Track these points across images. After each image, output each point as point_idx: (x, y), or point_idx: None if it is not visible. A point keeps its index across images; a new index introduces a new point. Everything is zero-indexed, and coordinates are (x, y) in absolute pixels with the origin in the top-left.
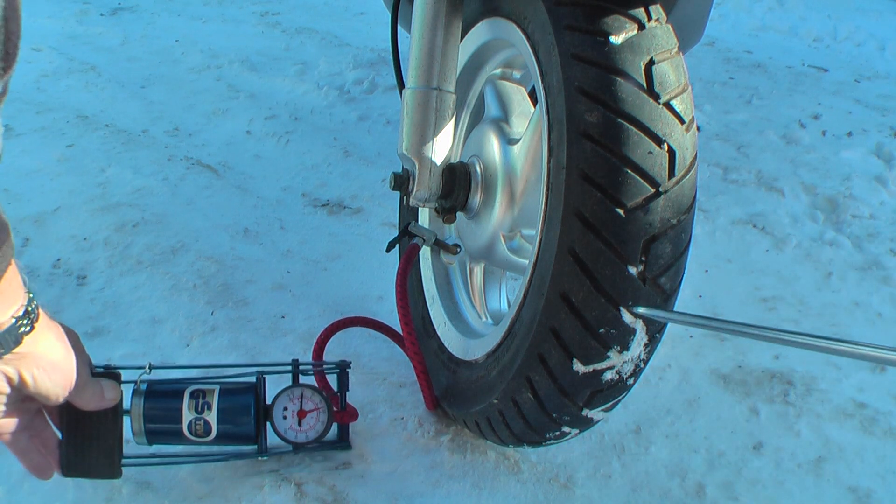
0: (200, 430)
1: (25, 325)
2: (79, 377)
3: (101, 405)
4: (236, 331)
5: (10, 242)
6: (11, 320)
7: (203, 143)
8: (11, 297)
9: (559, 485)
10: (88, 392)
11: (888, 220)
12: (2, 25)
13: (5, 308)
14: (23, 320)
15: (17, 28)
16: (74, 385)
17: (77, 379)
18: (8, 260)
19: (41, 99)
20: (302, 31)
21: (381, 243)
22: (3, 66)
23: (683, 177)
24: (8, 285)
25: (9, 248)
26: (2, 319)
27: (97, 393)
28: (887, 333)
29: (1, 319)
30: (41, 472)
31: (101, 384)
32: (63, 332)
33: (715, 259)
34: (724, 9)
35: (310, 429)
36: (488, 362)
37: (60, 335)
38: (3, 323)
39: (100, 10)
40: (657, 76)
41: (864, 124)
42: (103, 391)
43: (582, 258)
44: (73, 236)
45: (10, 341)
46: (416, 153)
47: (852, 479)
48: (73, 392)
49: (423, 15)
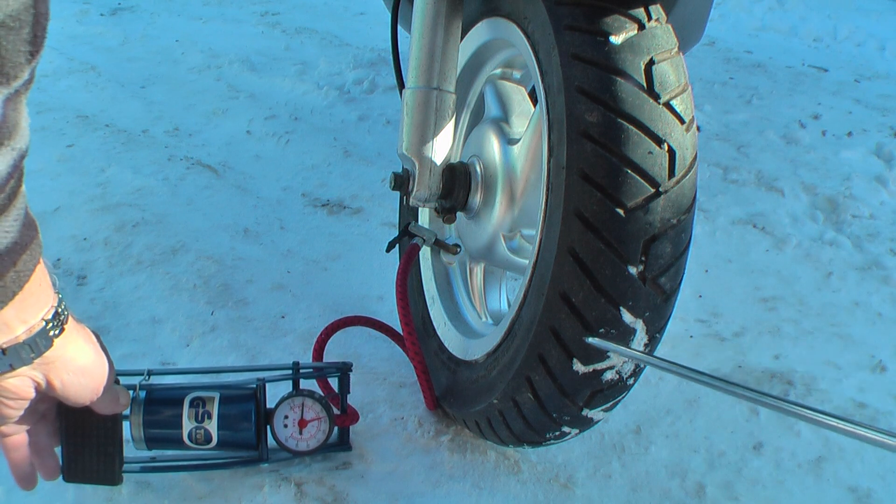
0: (201, 438)
1: (55, 328)
2: (107, 382)
3: (114, 411)
4: (236, 331)
5: (38, 241)
6: (42, 323)
7: (203, 143)
8: (41, 299)
9: (559, 485)
10: (108, 397)
11: (888, 220)
12: (31, 5)
13: (35, 310)
14: (52, 322)
15: (46, 10)
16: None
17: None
18: (36, 259)
19: (41, 99)
20: (302, 31)
21: (381, 243)
22: (32, 50)
23: (683, 177)
24: (37, 286)
25: (37, 247)
26: (32, 322)
27: (114, 398)
28: (887, 333)
29: (31, 322)
30: (26, 483)
31: (116, 390)
32: (91, 334)
33: (715, 259)
34: (724, 9)
35: (311, 437)
36: (488, 362)
37: (89, 338)
38: (34, 326)
39: (100, 10)
40: (657, 76)
41: (864, 124)
42: (119, 396)
43: (582, 258)
44: (73, 236)
45: (40, 345)
46: (416, 153)
47: (852, 479)
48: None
49: (423, 15)
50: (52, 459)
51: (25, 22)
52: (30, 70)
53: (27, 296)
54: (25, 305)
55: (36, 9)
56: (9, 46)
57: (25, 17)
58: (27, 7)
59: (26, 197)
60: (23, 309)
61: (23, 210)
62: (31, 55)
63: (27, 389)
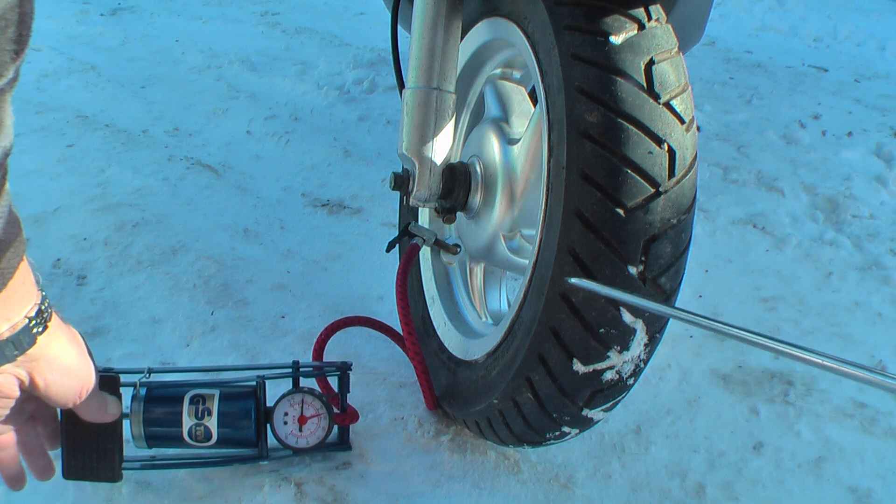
0: (201, 435)
1: (39, 325)
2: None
3: (102, 419)
4: (236, 331)
5: (21, 238)
6: (25, 320)
7: (203, 143)
8: (25, 296)
9: (559, 485)
10: (93, 403)
11: (888, 220)
12: (17, 4)
13: (19, 308)
14: (35, 319)
15: (32, 9)
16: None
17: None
18: (20, 256)
19: (41, 99)
20: (302, 31)
21: (381, 243)
22: (16, 48)
23: (683, 177)
24: (21, 283)
25: (20, 245)
26: (15, 319)
27: (101, 406)
28: (887, 333)
29: (15, 319)
30: (14, 483)
31: (105, 398)
32: (76, 335)
33: (715, 259)
34: (724, 9)
35: (310, 434)
36: (488, 362)
37: (73, 338)
38: (17, 323)
39: (100, 10)
40: (657, 76)
41: (864, 124)
42: (106, 405)
43: (582, 258)
44: (73, 236)
45: (24, 342)
46: (416, 153)
47: (852, 479)
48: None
49: (423, 15)
50: (44, 460)
51: (11, 21)
52: (14, 68)
53: (10, 293)
54: (9, 303)
55: (21, 8)
56: None
57: (11, 17)
58: (13, 6)
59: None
60: (6, 306)
61: (6, 208)
62: (15, 54)
63: (11, 387)
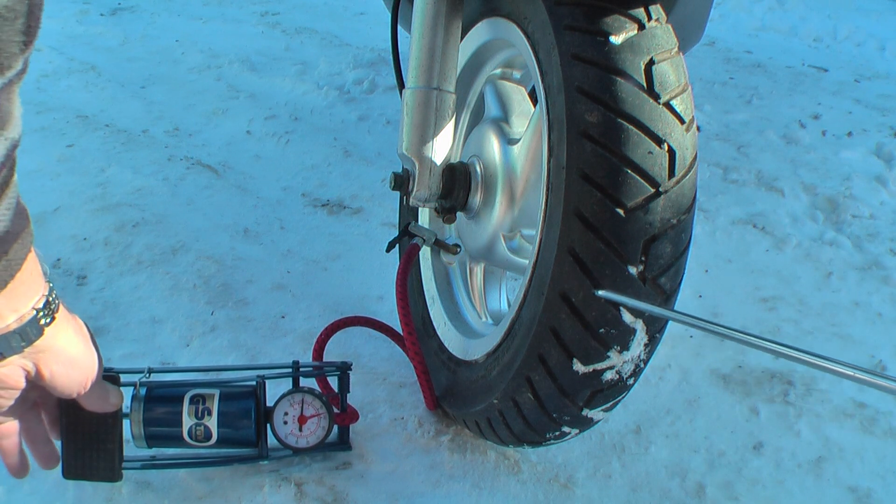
0: (201, 435)
1: (46, 317)
2: (96, 375)
3: (103, 409)
4: (236, 331)
5: (29, 230)
6: (32, 312)
7: (203, 143)
8: (32, 288)
9: (559, 485)
10: (96, 393)
11: (888, 220)
12: None
13: (26, 299)
14: (43, 311)
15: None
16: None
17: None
18: (27, 248)
19: (41, 99)
20: (302, 31)
21: (381, 243)
22: (25, 40)
23: (683, 177)
24: (28, 275)
25: (28, 236)
26: (23, 311)
27: (103, 395)
28: (887, 333)
29: (22, 311)
30: (17, 471)
31: (107, 387)
32: (82, 325)
33: (715, 259)
34: (724, 9)
35: (310, 434)
36: (488, 362)
37: (80, 329)
38: (25, 315)
39: (100, 10)
40: (657, 76)
41: (864, 124)
42: (108, 395)
43: (582, 258)
44: (73, 236)
45: (31, 333)
46: (416, 153)
47: (852, 479)
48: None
49: (423, 15)
50: (48, 447)
51: (20, 12)
52: (23, 60)
53: (18, 285)
54: (16, 294)
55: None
56: (3, 37)
57: (20, 8)
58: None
59: (18, 187)
60: (13, 298)
61: (14, 199)
62: (24, 45)
63: (18, 378)
